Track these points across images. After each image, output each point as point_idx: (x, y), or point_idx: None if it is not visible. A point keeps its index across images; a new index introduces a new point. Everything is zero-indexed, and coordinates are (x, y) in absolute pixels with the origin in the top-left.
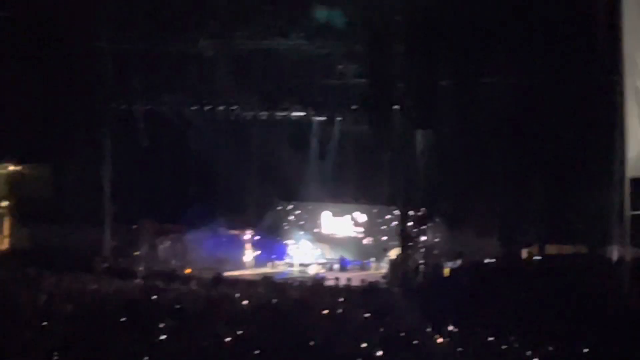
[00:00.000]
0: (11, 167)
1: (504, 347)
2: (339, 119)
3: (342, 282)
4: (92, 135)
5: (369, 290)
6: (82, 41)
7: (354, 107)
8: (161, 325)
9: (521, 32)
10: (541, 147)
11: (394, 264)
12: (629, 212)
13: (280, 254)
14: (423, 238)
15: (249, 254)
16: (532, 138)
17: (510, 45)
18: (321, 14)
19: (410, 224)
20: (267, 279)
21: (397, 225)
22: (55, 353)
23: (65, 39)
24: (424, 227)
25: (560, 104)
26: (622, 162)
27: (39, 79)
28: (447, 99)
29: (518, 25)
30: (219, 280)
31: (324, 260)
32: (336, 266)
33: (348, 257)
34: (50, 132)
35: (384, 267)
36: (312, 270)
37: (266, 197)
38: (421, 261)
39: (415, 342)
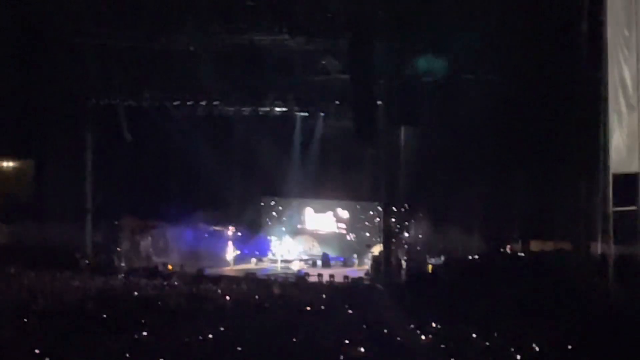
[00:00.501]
0: None
1: (487, 344)
2: (322, 114)
3: (325, 278)
4: (74, 131)
5: (352, 286)
6: (63, 36)
7: (337, 102)
8: (143, 322)
9: (503, 27)
10: (524, 143)
11: (376, 260)
12: (612, 208)
13: (263, 250)
14: (406, 234)
15: (232, 250)
16: (515, 134)
17: (492, 41)
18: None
19: (393, 220)
20: (249, 275)
21: (380, 221)
22: (36, 350)
23: (46, 33)
24: (407, 223)
25: (543, 100)
26: (605, 157)
27: (20, 74)
28: (430, 95)
29: (500, 21)
30: (201, 276)
31: (306, 257)
32: (319, 262)
33: (331, 253)
34: (31, 127)
35: (367, 264)
36: (295, 267)
37: (249, 193)
38: (404, 258)
39: (398, 338)
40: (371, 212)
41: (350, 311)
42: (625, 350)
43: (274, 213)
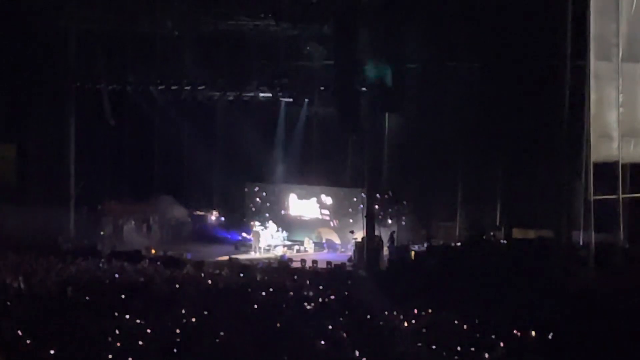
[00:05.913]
0: None
1: (469, 330)
2: (306, 100)
3: (308, 264)
4: (57, 114)
5: (335, 272)
6: (47, 20)
7: (321, 88)
8: (125, 306)
9: (486, 15)
10: (506, 130)
11: (359, 246)
12: (592, 196)
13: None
14: (389, 221)
15: (215, 236)
16: (497, 122)
17: (476, 29)
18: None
19: (376, 206)
20: (232, 261)
21: (363, 207)
22: (19, 332)
23: (30, 17)
24: (390, 209)
25: (525, 87)
26: (586, 146)
27: (3, 57)
28: (413, 82)
29: (483, 9)
30: (184, 261)
31: (289, 242)
32: (302, 248)
33: (314, 239)
34: (14, 111)
35: (350, 250)
36: (278, 252)
37: (232, 179)
38: (387, 244)
39: (380, 324)
40: (354, 199)
41: (332, 297)
42: (606, 337)
43: (257, 199)
